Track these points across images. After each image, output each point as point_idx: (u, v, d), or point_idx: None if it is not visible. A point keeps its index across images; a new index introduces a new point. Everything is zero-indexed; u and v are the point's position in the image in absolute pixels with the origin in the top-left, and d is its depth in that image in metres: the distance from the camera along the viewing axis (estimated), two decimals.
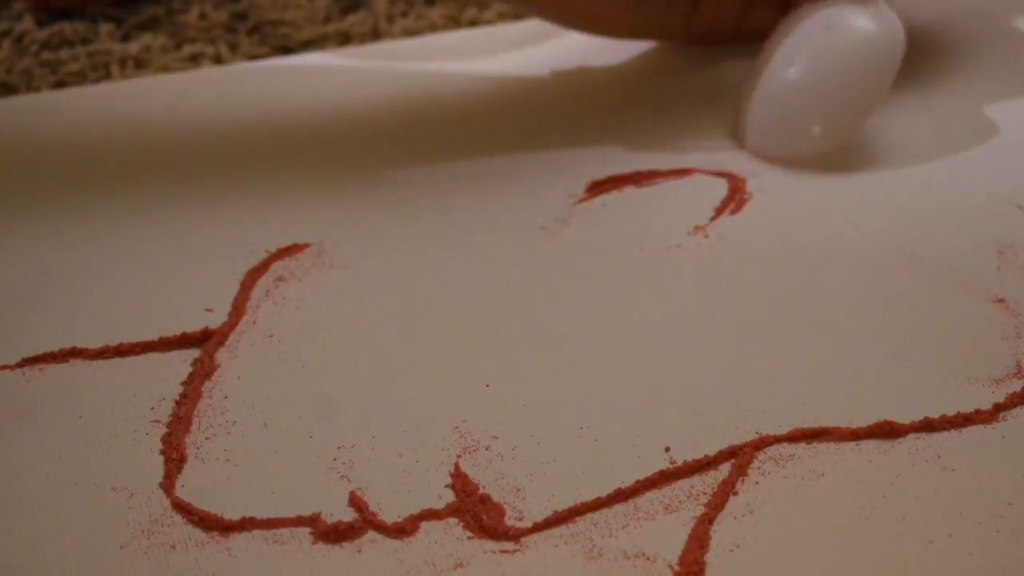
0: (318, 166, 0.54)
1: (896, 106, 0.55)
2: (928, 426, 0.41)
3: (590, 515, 0.39)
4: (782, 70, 0.54)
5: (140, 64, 0.63)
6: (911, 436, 0.41)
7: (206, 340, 0.45)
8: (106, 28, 0.66)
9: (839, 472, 0.40)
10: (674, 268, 0.49)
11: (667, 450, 0.41)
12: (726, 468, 0.40)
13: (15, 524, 0.39)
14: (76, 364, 0.44)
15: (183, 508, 0.39)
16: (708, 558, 0.37)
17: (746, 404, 0.42)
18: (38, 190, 0.53)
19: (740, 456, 0.40)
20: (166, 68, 0.63)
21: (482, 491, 0.39)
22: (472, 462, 0.40)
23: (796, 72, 0.53)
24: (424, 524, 0.38)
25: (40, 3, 0.67)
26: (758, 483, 0.40)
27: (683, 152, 0.55)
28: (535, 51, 0.62)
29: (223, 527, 0.38)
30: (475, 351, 0.45)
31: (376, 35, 0.65)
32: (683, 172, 0.53)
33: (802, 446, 0.41)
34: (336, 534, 0.38)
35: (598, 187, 0.53)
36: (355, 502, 0.39)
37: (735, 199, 0.52)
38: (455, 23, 0.66)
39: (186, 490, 0.40)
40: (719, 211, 0.51)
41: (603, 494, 0.39)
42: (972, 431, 0.41)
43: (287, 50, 0.65)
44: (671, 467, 0.40)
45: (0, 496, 0.39)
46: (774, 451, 0.41)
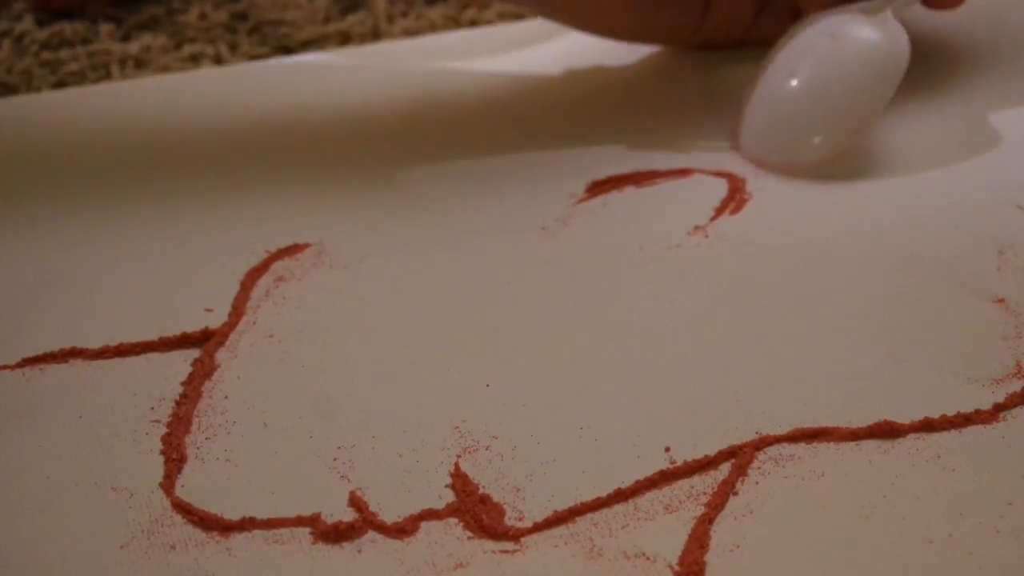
0: (318, 166, 0.54)
1: (897, 107, 0.54)
2: (928, 426, 0.41)
3: (590, 515, 0.39)
4: (784, 79, 0.53)
5: (140, 64, 0.63)
6: (911, 436, 0.41)
7: (206, 340, 0.45)
8: (106, 28, 0.66)
9: (839, 472, 0.40)
10: (674, 268, 0.48)
11: (667, 450, 0.41)
12: (726, 468, 0.40)
13: (15, 524, 0.39)
14: (76, 364, 0.44)
15: (183, 508, 0.39)
16: (708, 558, 0.37)
17: (746, 404, 0.42)
18: (38, 190, 0.53)
19: (740, 456, 0.40)
20: (166, 68, 0.63)
21: (482, 491, 0.39)
22: (472, 462, 0.40)
23: (797, 81, 0.53)
24: (424, 524, 0.38)
25: (40, 3, 0.67)
26: (758, 483, 0.40)
27: (683, 152, 0.55)
28: (535, 51, 0.62)
29: (223, 527, 0.38)
30: (475, 351, 0.45)
31: (376, 35, 0.65)
32: (683, 172, 0.53)
33: (802, 446, 0.41)
34: (336, 534, 0.38)
35: (598, 187, 0.53)
36: (355, 502, 0.39)
37: (735, 199, 0.52)
38: (455, 23, 0.66)
39: (186, 490, 0.40)
40: (719, 211, 0.51)
41: (603, 494, 0.39)
42: (972, 431, 0.41)
43: (287, 50, 0.65)
44: (671, 467, 0.40)
45: (0, 496, 0.40)
46: (774, 451, 0.41)
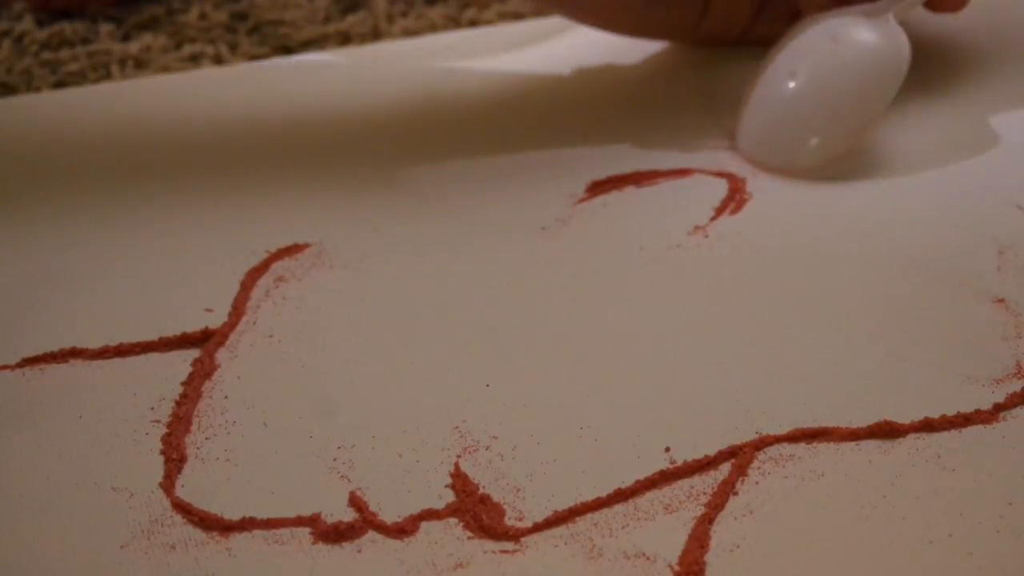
0: (318, 166, 0.54)
1: (898, 107, 0.54)
2: (928, 426, 0.41)
3: (590, 515, 0.39)
4: (783, 80, 0.53)
5: (140, 64, 0.63)
6: (911, 436, 0.41)
7: (206, 340, 0.45)
8: (106, 28, 0.66)
9: (839, 472, 0.40)
10: (674, 268, 0.48)
11: (667, 450, 0.41)
12: (726, 468, 0.40)
13: (15, 524, 0.39)
14: (76, 364, 0.44)
15: (183, 508, 0.39)
16: (708, 558, 0.37)
17: (746, 404, 0.42)
18: (38, 190, 0.53)
19: (740, 456, 0.40)
20: (166, 68, 0.63)
21: (482, 491, 0.39)
22: (472, 462, 0.40)
23: (797, 83, 0.53)
24: (424, 524, 0.38)
25: (40, 3, 0.67)
26: (758, 483, 0.40)
27: (683, 152, 0.55)
28: (535, 51, 0.62)
29: (223, 527, 0.38)
30: (475, 351, 0.45)
31: (376, 35, 0.65)
32: (683, 172, 0.53)
33: (802, 446, 0.41)
34: (336, 534, 0.38)
35: (598, 187, 0.53)
36: (355, 502, 0.39)
37: (735, 199, 0.52)
38: (455, 23, 0.66)
39: (186, 490, 0.40)
40: (719, 211, 0.51)
41: (603, 494, 0.39)
42: (972, 431, 0.41)
43: (287, 50, 0.65)
44: (671, 467, 0.40)
45: (0, 496, 0.39)
46: (774, 451, 0.41)
